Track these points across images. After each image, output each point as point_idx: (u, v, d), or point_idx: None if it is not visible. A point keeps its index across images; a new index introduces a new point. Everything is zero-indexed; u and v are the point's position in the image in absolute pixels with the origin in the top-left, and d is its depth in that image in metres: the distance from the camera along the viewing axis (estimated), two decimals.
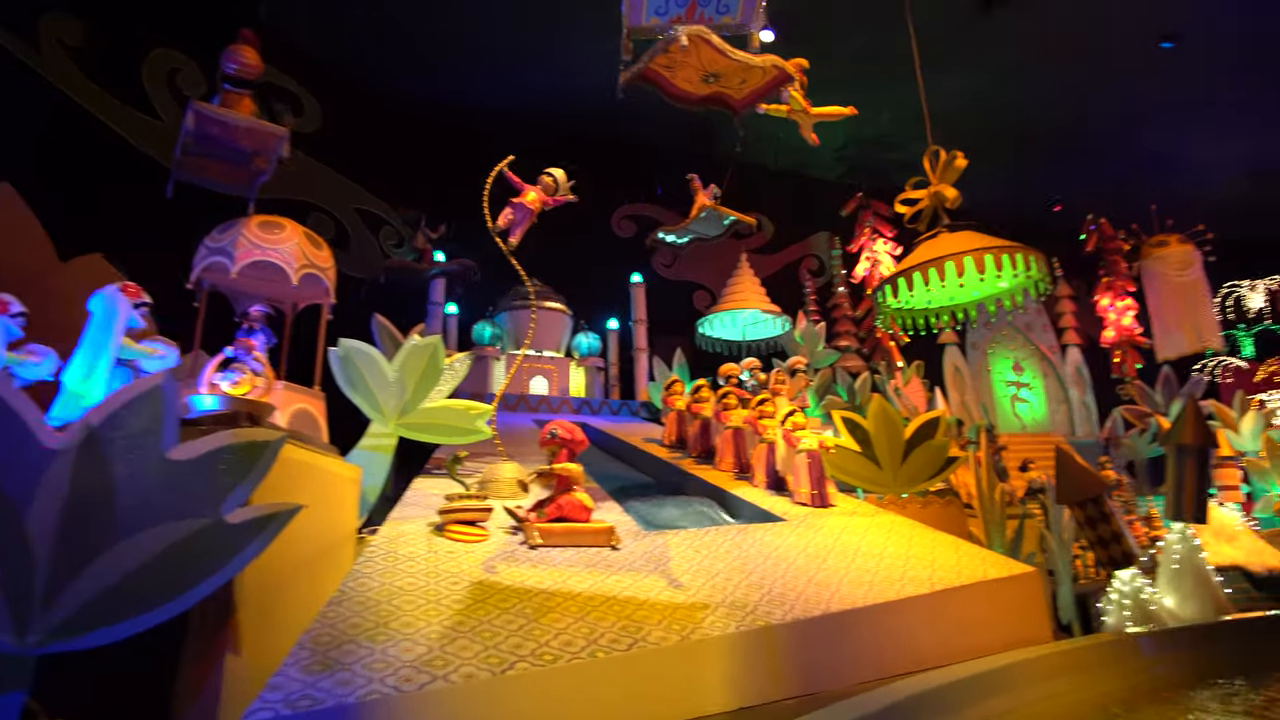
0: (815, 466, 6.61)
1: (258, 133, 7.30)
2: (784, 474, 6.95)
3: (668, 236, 10.06)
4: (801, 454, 6.69)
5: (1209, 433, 7.28)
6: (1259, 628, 5.99)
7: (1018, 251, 7.55)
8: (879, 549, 5.28)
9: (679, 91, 6.88)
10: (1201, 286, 13.76)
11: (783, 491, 6.96)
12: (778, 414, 7.15)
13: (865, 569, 4.82)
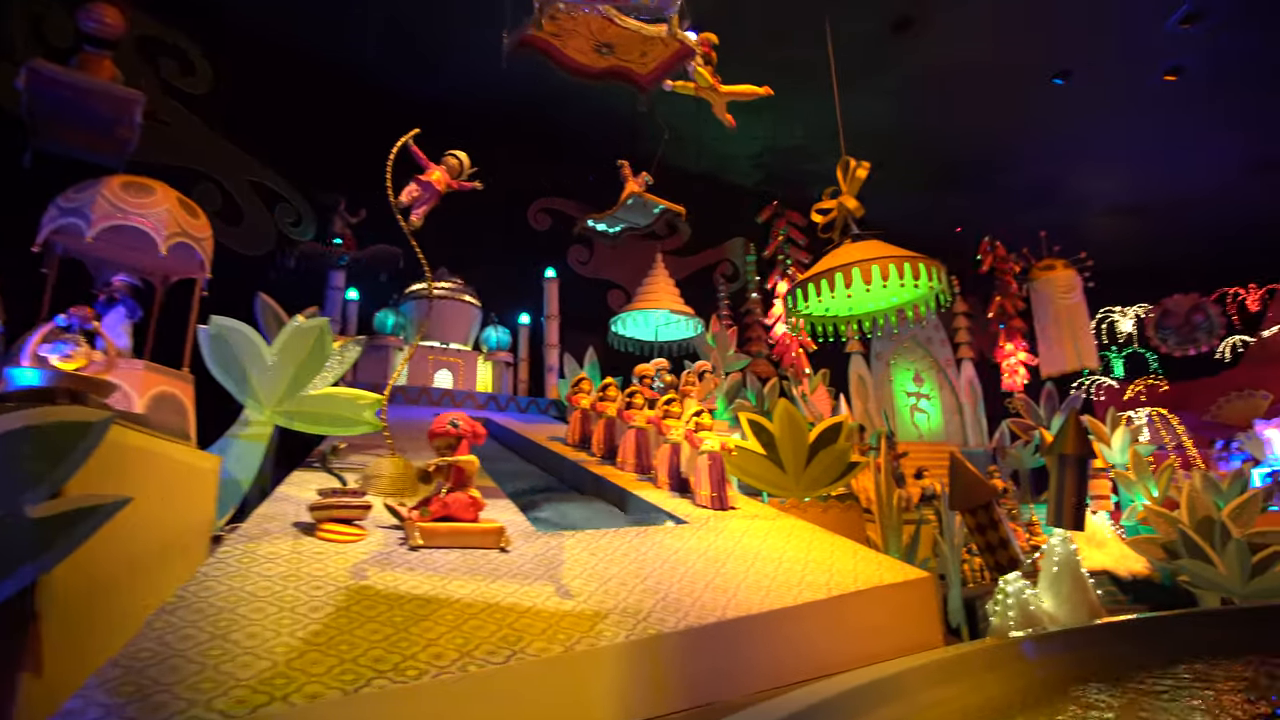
0: (716, 468, 6.46)
1: (112, 97, 6.53)
2: (687, 475, 6.78)
3: (599, 225, 9.77)
4: (703, 455, 6.53)
5: (1089, 444, 7.60)
6: (1129, 630, 6.24)
7: (920, 261, 7.67)
8: (778, 553, 5.15)
9: (573, 63, 6.52)
10: (1082, 309, 14.62)
11: (685, 493, 6.78)
12: (683, 415, 6.97)
13: (764, 573, 4.67)
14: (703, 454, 6.56)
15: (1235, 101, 13.66)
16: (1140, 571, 10.27)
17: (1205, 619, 6.97)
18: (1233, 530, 9.12)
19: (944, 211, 17.12)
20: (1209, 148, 15.10)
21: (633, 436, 7.82)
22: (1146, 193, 16.57)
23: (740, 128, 15.15)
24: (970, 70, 12.96)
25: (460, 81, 13.35)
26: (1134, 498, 11.56)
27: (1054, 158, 15.58)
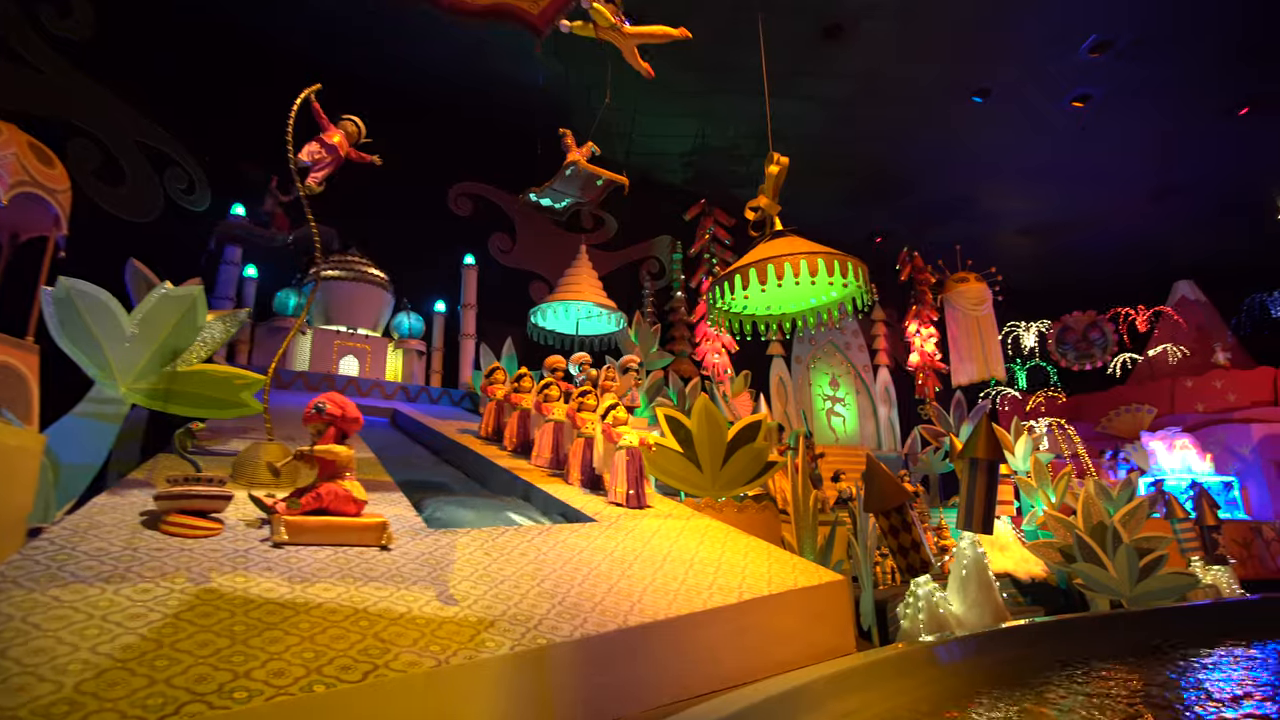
0: (634, 465, 6.10)
1: None
2: (601, 471, 6.39)
3: (542, 199, 9.24)
4: (621, 451, 6.16)
5: (1000, 450, 7.64)
6: (1033, 633, 6.24)
7: (842, 259, 7.54)
8: (690, 555, 4.82)
9: (454, 2, 5.97)
10: (991, 322, 15.08)
11: (598, 490, 6.40)
12: (599, 408, 6.58)
13: (673, 576, 4.32)
14: (620, 449, 6.19)
15: (1136, 130, 14.37)
16: (1038, 574, 10.49)
17: (1102, 622, 7.08)
18: (1123, 535, 9.41)
19: (866, 222, 17.41)
20: (1111, 173, 15.87)
21: (550, 430, 7.38)
22: (1053, 214, 17.31)
23: (671, 125, 15.07)
24: (896, 82, 13.13)
25: (380, 55, 12.61)
26: (1034, 503, 11.88)
27: (971, 175, 16.04)
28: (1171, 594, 9.31)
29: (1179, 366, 17.96)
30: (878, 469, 7.27)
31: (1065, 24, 11.81)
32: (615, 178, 8.24)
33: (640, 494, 6.04)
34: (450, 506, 5.74)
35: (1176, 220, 17.28)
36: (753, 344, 14.76)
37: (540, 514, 5.79)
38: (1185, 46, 12.15)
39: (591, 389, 7.21)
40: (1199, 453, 15.20)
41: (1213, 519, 11.31)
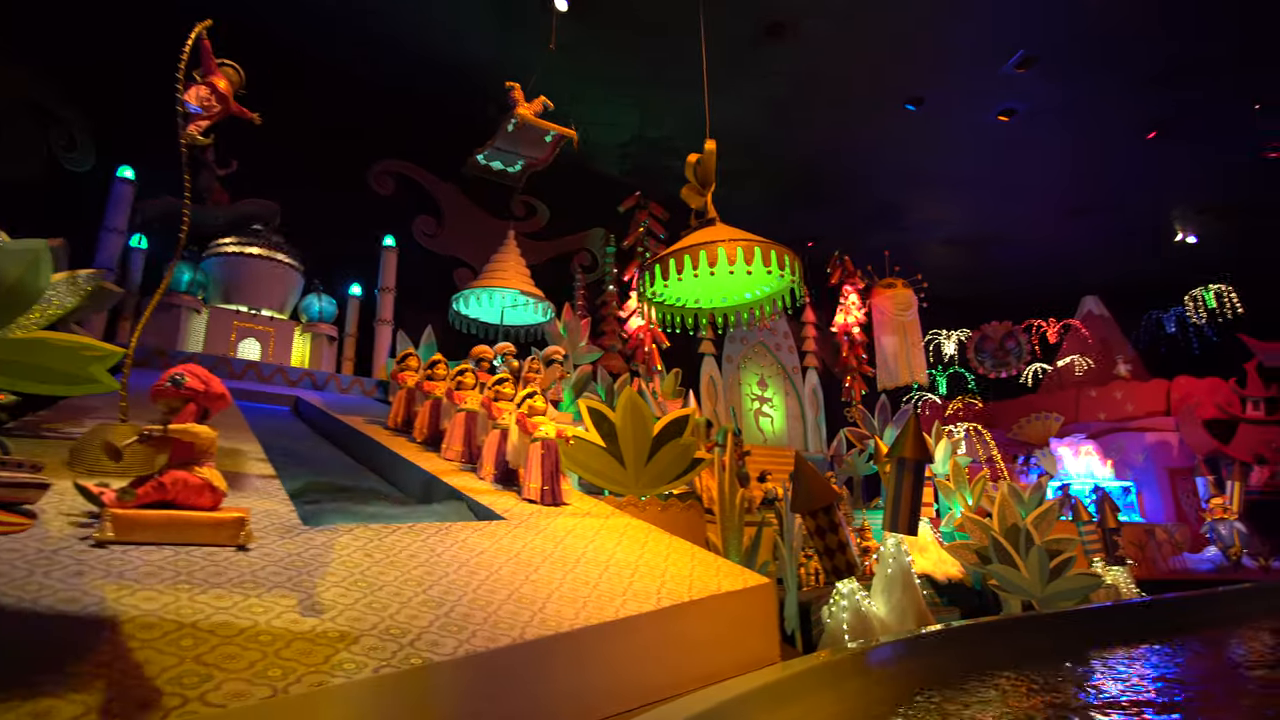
0: (550, 458, 5.56)
1: None
2: (516, 465, 5.83)
3: (492, 162, 8.55)
4: (536, 443, 5.61)
5: (927, 450, 7.48)
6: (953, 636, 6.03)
7: (776, 249, 7.21)
8: (606, 556, 4.33)
9: None
10: (916, 328, 15.20)
11: (513, 486, 5.84)
12: (516, 397, 6.02)
13: (585, 581, 3.82)
14: (535, 441, 5.64)
15: (1055, 148, 14.77)
16: (955, 575, 10.51)
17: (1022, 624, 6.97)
18: (1035, 537, 9.47)
19: (799, 225, 17.35)
20: (1031, 189, 16.30)
21: (461, 421, 6.76)
22: (975, 226, 17.70)
23: (608, 115, 14.59)
24: (833, 85, 13.05)
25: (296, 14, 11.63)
26: (952, 505, 11.96)
27: (901, 184, 16.20)
28: (1078, 594, 9.40)
29: (1084, 377, 18.66)
30: (806, 468, 6.98)
31: (996, 38, 11.95)
32: (563, 130, 7.69)
33: (556, 490, 5.51)
34: (345, 501, 5.08)
35: (1086, 238, 17.95)
36: (684, 342, 14.45)
37: (444, 511, 5.19)
38: (1103, 69, 12.50)
39: (510, 378, 6.64)
40: (1101, 459, 15.77)
41: (1114, 522, 11.62)
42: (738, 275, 7.80)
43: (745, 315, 8.81)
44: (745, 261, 6.86)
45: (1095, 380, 18.48)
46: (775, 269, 7.24)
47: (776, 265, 7.18)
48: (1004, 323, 18.75)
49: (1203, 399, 16.37)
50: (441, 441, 6.80)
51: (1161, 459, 16.61)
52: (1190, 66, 12.42)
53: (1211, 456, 16.01)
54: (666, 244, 13.97)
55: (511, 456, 5.82)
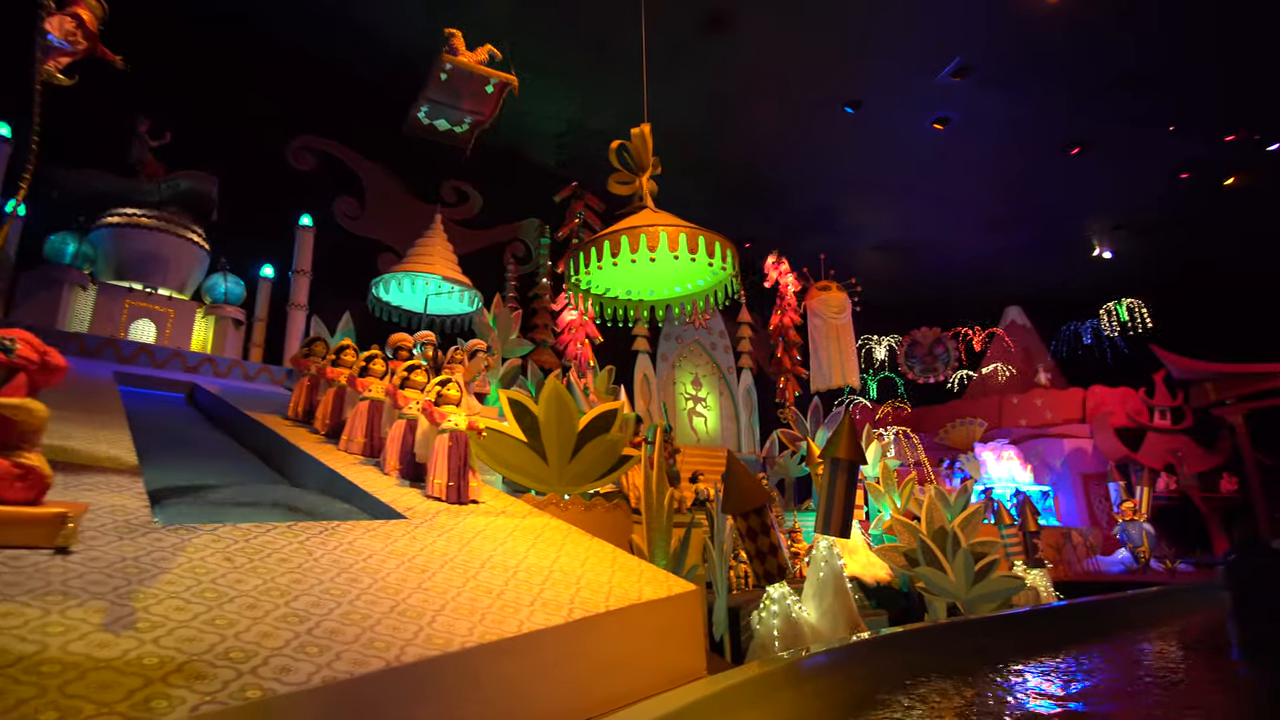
0: (458, 451, 5.04)
1: None
2: (423, 459, 5.28)
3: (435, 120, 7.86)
4: (444, 434, 5.08)
5: (861, 451, 7.28)
6: (882, 644, 5.80)
7: (712, 238, 6.89)
8: (516, 561, 3.86)
9: None
10: (850, 331, 15.22)
11: (420, 482, 5.28)
12: (428, 385, 5.47)
13: (488, 588, 3.34)
14: (443, 432, 5.11)
15: (985, 159, 15.06)
16: (883, 578, 10.46)
17: (951, 630, 6.82)
18: (961, 540, 9.46)
19: (737, 225, 17.17)
20: (961, 199, 16.62)
21: (365, 410, 6.15)
22: (907, 233, 17.95)
23: (546, 103, 14.05)
24: (774, 83, 12.91)
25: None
26: (881, 508, 11.95)
27: (837, 187, 16.24)
28: (1001, 596, 9.44)
29: (1007, 385, 19.19)
30: (739, 468, 6.67)
31: (935, 45, 12.02)
32: (502, 76, 7.13)
33: (463, 486, 4.99)
34: (216, 497, 4.44)
35: (1010, 249, 18.46)
36: (619, 340, 14.05)
37: (338, 508, 4.61)
38: (1034, 83, 12.76)
39: (423, 365, 6.07)
40: (1022, 463, 16.17)
41: (1034, 525, 11.82)
42: (673, 266, 7.45)
43: (677, 309, 8.48)
44: (688, 250, 6.51)
45: (1017, 388, 19.02)
46: (716, 260, 6.92)
47: (715, 256, 6.86)
48: (933, 329, 19.11)
49: (1115, 407, 17.02)
50: (343, 432, 6.17)
51: (1077, 464, 17.19)
52: (1112, 86, 12.82)
53: (1122, 462, 16.64)
54: None
55: (418, 449, 5.27)
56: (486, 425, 5.52)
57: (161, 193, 9.74)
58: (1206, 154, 14.43)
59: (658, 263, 7.12)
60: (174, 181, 9.73)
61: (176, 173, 9.79)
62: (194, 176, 9.80)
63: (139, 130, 9.84)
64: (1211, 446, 16.86)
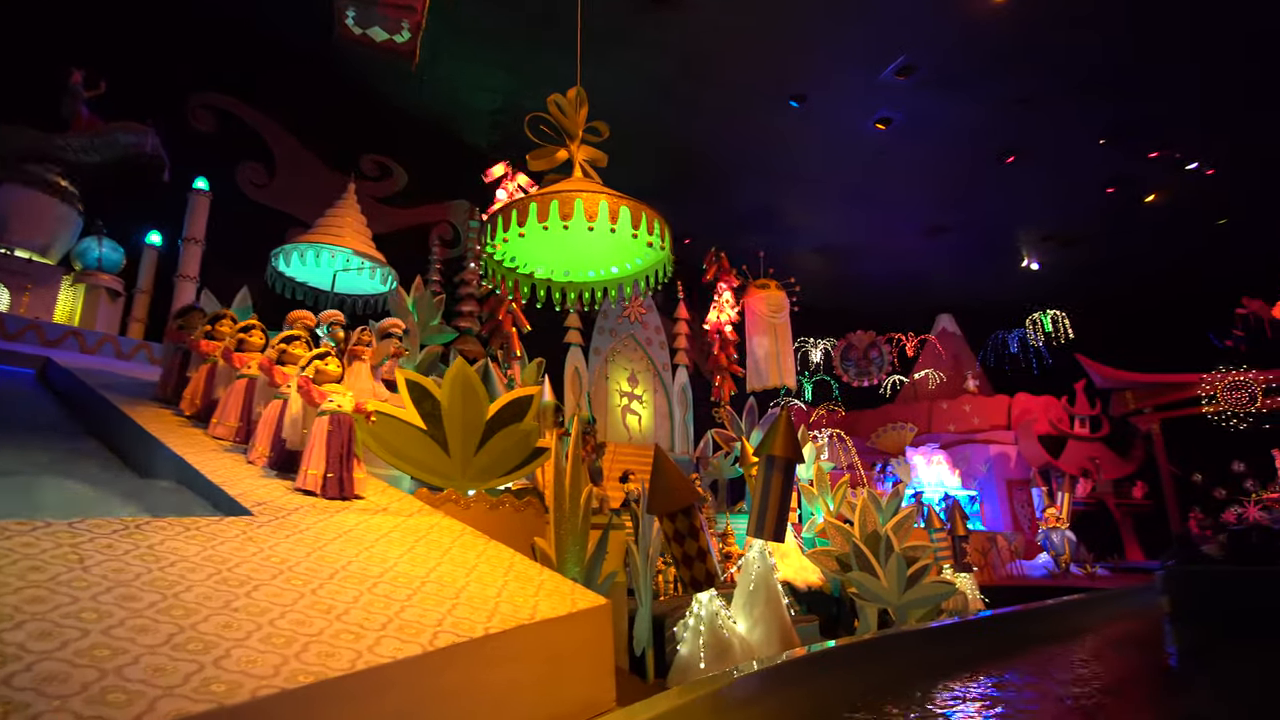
0: (338, 437, 4.20)
1: None
2: (295, 445, 4.41)
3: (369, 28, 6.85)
4: (323, 417, 4.24)
5: (798, 449, 6.74)
6: (820, 662, 5.23)
7: (647, 211, 6.23)
8: (381, 569, 3.07)
9: None
10: (787, 330, 14.85)
11: (291, 472, 4.41)
12: (303, 358, 4.60)
13: (328, 607, 2.55)
14: (323, 414, 4.26)
15: (922, 163, 14.92)
16: (815, 583, 10.05)
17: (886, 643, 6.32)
18: (894, 544, 9.10)
19: (676, 219, 16.58)
20: (898, 205, 16.49)
21: (241, 389, 5.22)
22: (845, 237, 17.75)
23: (479, 76, 13.14)
24: (718, 69, 12.36)
25: None
26: (814, 511, 11.56)
27: (778, 185, 15.86)
28: (933, 602, 9.08)
29: (937, 390, 19.26)
30: (666, 465, 6.01)
31: (881, 42, 11.70)
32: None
33: (345, 478, 4.16)
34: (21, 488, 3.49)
35: (944, 257, 18.51)
36: (550, 332, 13.24)
37: (167, 502, 3.71)
38: (974, 86, 12.62)
39: (307, 338, 5.19)
40: (950, 468, 16.14)
41: (963, 529, 11.63)
42: (602, 243, 6.76)
43: (600, 293, 7.76)
44: (609, 220, 5.81)
45: (946, 394, 19.11)
46: (654, 238, 6.25)
47: (655, 234, 6.20)
48: (869, 333, 19.02)
49: (1038, 415, 17.22)
50: (214, 414, 5.21)
51: (1001, 470, 17.32)
52: (1048, 94, 12.81)
53: (1044, 469, 16.84)
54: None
55: (288, 433, 4.39)
56: (377, 409, 4.69)
57: (97, 149, 8.49)
58: (1132, 170, 14.67)
59: (583, 237, 6.42)
60: (113, 136, 8.48)
61: (112, 124, 8.57)
62: (128, 126, 8.60)
63: (70, 82, 8.63)
64: (1125, 454, 17.25)
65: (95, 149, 8.67)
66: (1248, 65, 11.92)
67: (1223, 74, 12.19)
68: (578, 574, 4.59)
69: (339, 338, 7.90)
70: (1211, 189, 14.93)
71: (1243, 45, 11.55)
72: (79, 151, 8.58)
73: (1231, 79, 12.26)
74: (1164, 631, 6.24)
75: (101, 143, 8.68)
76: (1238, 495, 15.56)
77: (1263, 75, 12.10)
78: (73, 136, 8.58)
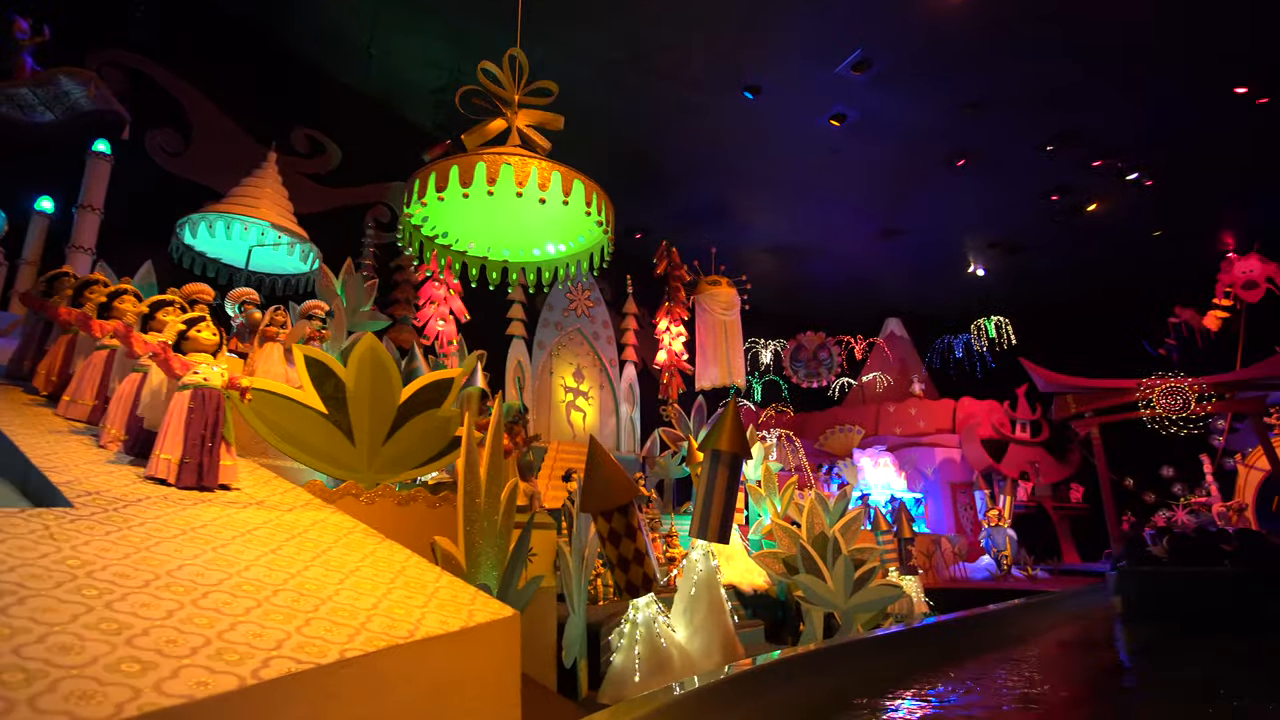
0: (202, 416, 3.49)
1: None
2: (153, 425, 3.68)
3: None
4: (185, 391, 3.52)
5: (745, 444, 6.26)
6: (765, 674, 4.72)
7: (586, 183, 5.67)
8: (223, 575, 2.41)
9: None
10: (738, 328, 14.45)
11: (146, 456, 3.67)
12: (169, 327, 3.86)
13: (113, 627, 1.89)
14: (185, 389, 3.54)
15: (874, 163, 14.74)
16: (761, 586, 9.65)
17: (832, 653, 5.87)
18: (842, 546, 8.76)
19: (626, 214, 16.07)
20: (850, 205, 16.30)
21: (100, 362, 4.43)
22: (797, 236, 17.50)
23: (421, 48, 12.36)
24: (672, 55, 11.88)
25: None
26: (762, 512, 11.19)
27: (730, 180, 15.47)
28: (880, 605, 8.74)
29: (884, 393, 19.19)
30: (601, 458, 5.44)
31: (837, 35, 11.40)
32: None
33: (208, 464, 3.45)
34: None
35: (894, 260, 18.45)
36: (491, 326, 12.54)
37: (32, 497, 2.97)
38: (925, 86, 12.45)
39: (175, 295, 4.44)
40: (897, 470, 16.01)
41: (909, 532, 11.42)
42: (537, 219, 6.17)
43: (533, 275, 7.15)
44: (540, 187, 5.23)
45: (893, 397, 19.06)
46: (592, 210, 5.69)
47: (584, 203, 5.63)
48: (819, 333, 18.84)
49: (982, 419, 17.27)
50: (67, 390, 4.41)
51: (946, 473, 17.31)
52: (997, 100, 12.75)
53: (987, 472, 16.88)
54: None
55: (145, 409, 3.66)
56: (256, 385, 3.98)
57: (42, 100, 7.47)
58: (1075, 178, 14.79)
59: (516, 211, 5.83)
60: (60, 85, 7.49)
61: (51, 69, 7.58)
62: (70, 72, 7.61)
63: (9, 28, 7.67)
64: (1063, 458, 17.45)
65: (43, 102, 7.65)
66: (1188, 80, 12.06)
67: (1163, 87, 12.32)
68: (494, 580, 3.98)
69: (254, 319, 7.10)
70: (1149, 200, 15.18)
71: (1183, 63, 11.68)
72: (25, 108, 7.56)
73: (1171, 93, 12.40)
74: (1116, 631, 6.06)
75: (47, 94, 7.66)
76: (1166, 499, 15.89)
77: (1200, 91, 12.27)
78: (19, 83, 7.56)
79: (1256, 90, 12.13)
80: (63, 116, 7.88)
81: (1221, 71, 11.87)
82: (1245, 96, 12.28)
